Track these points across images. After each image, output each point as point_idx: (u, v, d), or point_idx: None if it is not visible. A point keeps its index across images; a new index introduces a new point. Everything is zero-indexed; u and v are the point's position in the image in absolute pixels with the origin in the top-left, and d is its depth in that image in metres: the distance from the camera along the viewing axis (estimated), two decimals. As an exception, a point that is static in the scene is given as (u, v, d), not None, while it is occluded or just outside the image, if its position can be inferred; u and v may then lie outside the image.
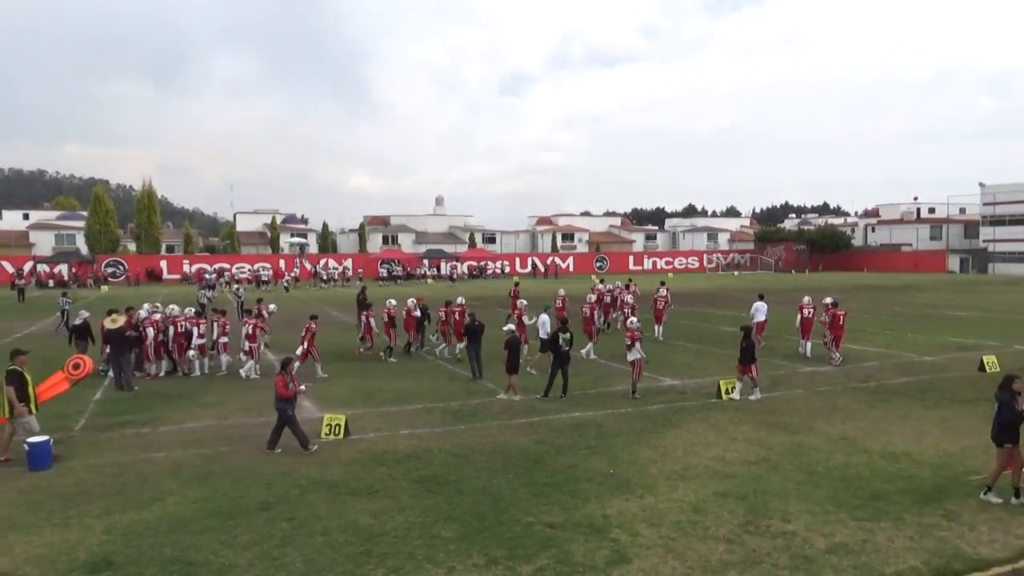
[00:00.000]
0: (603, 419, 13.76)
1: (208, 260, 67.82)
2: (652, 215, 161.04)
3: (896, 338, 24.53)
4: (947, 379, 17.30)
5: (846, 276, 69.36)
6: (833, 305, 20.16)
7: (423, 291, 40.92)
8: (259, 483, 10.34)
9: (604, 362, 20.17)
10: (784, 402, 15.07)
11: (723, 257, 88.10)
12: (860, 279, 63.57)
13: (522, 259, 78.99)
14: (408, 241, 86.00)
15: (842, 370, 18.62)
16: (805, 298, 22.05)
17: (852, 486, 9.93)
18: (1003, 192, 73.34)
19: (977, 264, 75.13)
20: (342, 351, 22.78)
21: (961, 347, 22.41)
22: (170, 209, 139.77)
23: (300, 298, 47.86)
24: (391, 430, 13.11)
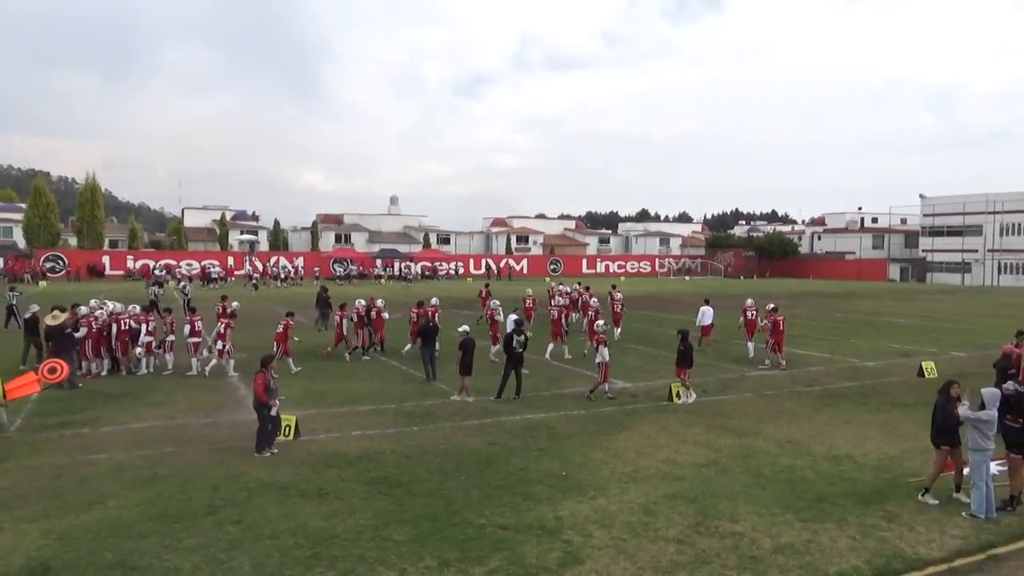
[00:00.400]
0: (555, 421, 13.82)
1: (153, 256, 66.12)
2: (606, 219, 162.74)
3: (840, 344, 25.22)
4: (888, 384, 17.85)
5: (793, 283, 71.06)
6: (773, 311, 20.67)
7: (377, 292, 40.53)
8: (206, 485, 10.11)
9: (556, 364, 20.28)
10: (733, 405, 15.35)
11: (675, 262, 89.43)
12: (806, 286, 65.21)
13: (476, 260, 78.96)
14: (361, 240, 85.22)
15: (788, 374, 19.06)
16: (748, 300, 22.96)
17: (797, 488, 10.17)
18: (942, 204, 76.12)
19: (916, 273, 77.76)
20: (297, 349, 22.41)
21: (901, 353, 23.15)
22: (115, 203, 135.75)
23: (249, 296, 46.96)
24: (342, 431, 12.96)
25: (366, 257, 72.81)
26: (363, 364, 20.34)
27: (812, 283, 70.32)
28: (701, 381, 17.81)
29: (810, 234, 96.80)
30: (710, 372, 19.26)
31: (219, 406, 14.98)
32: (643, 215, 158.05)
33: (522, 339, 15.89)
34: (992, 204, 71.58)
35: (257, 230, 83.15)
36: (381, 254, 74.41)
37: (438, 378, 17.67)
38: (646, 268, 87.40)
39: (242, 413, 14.48)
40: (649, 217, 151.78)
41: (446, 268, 74.93)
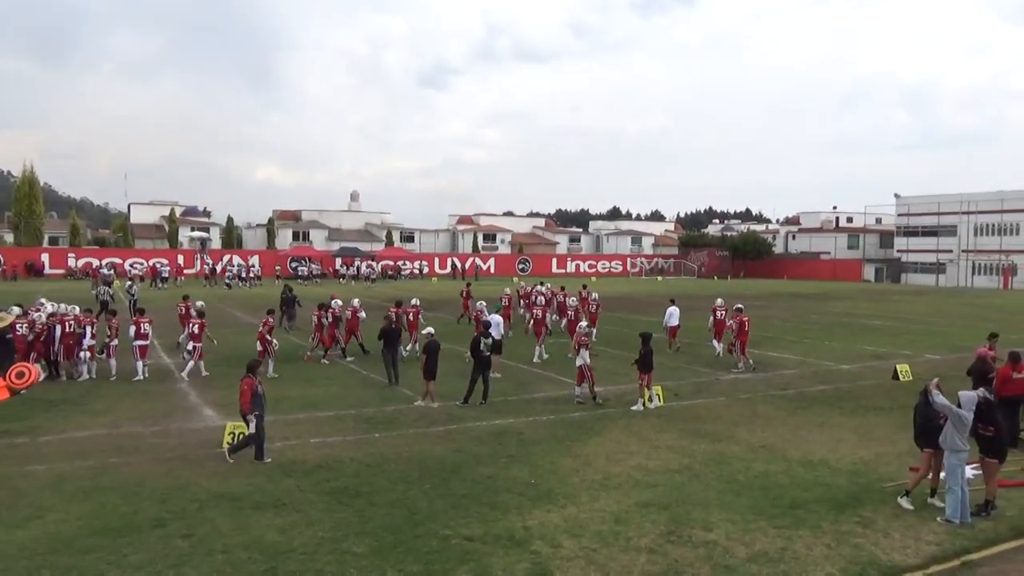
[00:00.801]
0: (524, 427, 13.85)
1: (97, 254, 64.79)
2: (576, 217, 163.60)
3: (814, 346, 25.65)
4: (863, 387, 18.20)
5: (767, 283, 72.08)
6: (739, 311, 21.01)
7: (338, 292, 40.19)
8: (153, 497, 9.92)
9: (525, 367, 20.31)
10: (706, 409, 15.53)
11: (647, 262, 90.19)
12: (780, 286, 66.20)
13: (441, 259, 78.79)
14: (320, 238, 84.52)
15: (762, 378, 19.33)
16: (718, 300, 23.82)
17: (772, 494, 10.31)
18: (917, 204, 77.87)
19: (891, 274, 79.44)
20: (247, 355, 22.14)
21: (876, 356, 23.61)
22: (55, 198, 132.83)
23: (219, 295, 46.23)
24: (299, 439, 12.83)
25: (325, 255, 72.17)
26: (322, 367, 20.16)
27: (786, 283, 71.43)
28: (673, 385, 17.98)
29: (784, 234, 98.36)
30: (682, 375, 19.45)
31: (167, 413, 14.73)
32: (615, 213, 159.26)
33: (489, 342, 15.89)
34: (967, 204, 73.45)
35: (209, 227, 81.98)
36: (341, 252, 73.77)
37: (401, 382, 17.59)
38: (618, 268, 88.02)
39: (191, 420, 14.26)
40: (621, 215, 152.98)
41: (410, 267, 74.66)
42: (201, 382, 17.93)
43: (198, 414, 14.83)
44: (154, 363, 20.65)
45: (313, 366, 20.45)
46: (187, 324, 22.67)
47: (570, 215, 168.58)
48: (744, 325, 20.52)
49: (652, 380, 15.71)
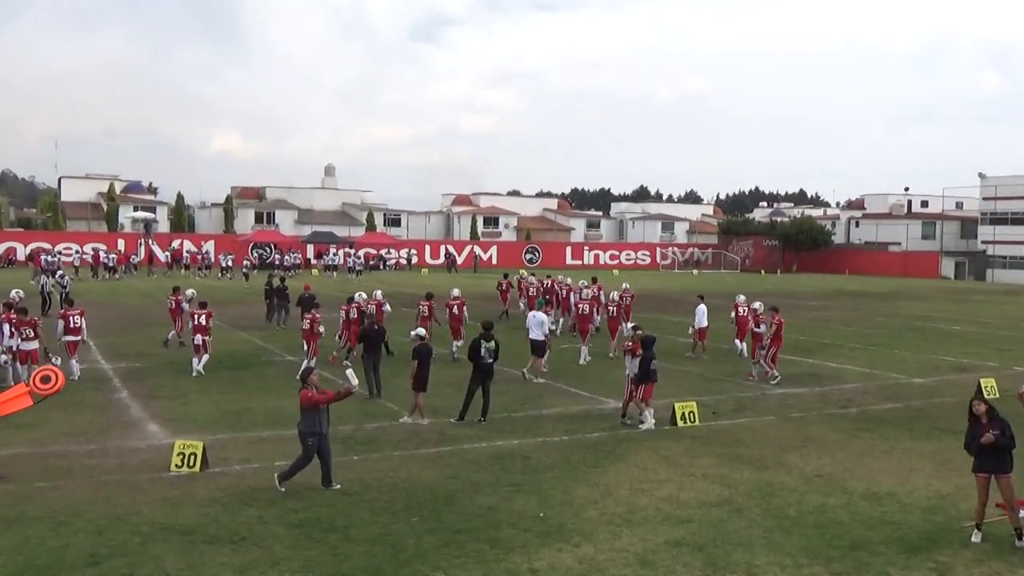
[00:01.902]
0: (531, 449, 13.85)
1: (21, 238, 65.03)
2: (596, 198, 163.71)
3: (881, 356, 25.63)
4: (940, 405, 18.18)
5: (824, 279, 72.00)
6: (773, 311, 21.00)
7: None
8: (88, 529, 9.96)
9: (534, 378, 20.32)
10: (750, 431, 15.52)
11: (680, 252, 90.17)
12: (840, 283, 66.12)
13: (433, 247, 78.91)
14: (288, 220, 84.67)
15: (817, 393, 19.33)
16: (739, 296, 24.51)
17: (829, 533, 10.30)
18: (1006, 185, 77.42)
19: (974, 269, 79.31)
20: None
21: (955, 368, 23.59)
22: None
23: (144, 290, 46.43)
24: (263, 461, 12.86)
25: (294, 241, 72.32)
26: (291, 373, 20.19)
27: (848, 279, 71.35)
28: (711, 401, 17.98)
29: (846, 220, 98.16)
30: (721, 389, 19.45)
31: (105, 429, 14.78)
32: (642, 194, 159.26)
33: (492, 346, 15.88)
34: (1067, 186, 73.21)
35: (155, 206, 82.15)
36: (313, 238, 73.95)
37: (384, 395, 17.62)
38: (645, 259, 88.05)
39: (133, 437, 14.31)
40: (649, 196, 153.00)
41: (395, 256, 74.73)
42: (145, 392, 17.99)
43: (141, 430, 14.87)
44: (89, 367, 20.76)
45: (278, 372, 20.47)
46: (177, 318, 23.86)
47: (588, 195, 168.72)
48: (780, 329, 20.47)
49: (652, 394, 15.64)
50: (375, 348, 18.09)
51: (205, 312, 20.49)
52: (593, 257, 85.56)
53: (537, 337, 20.26)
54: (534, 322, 20.59)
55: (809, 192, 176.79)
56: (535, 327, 20.39)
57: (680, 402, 16.24)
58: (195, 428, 14.77)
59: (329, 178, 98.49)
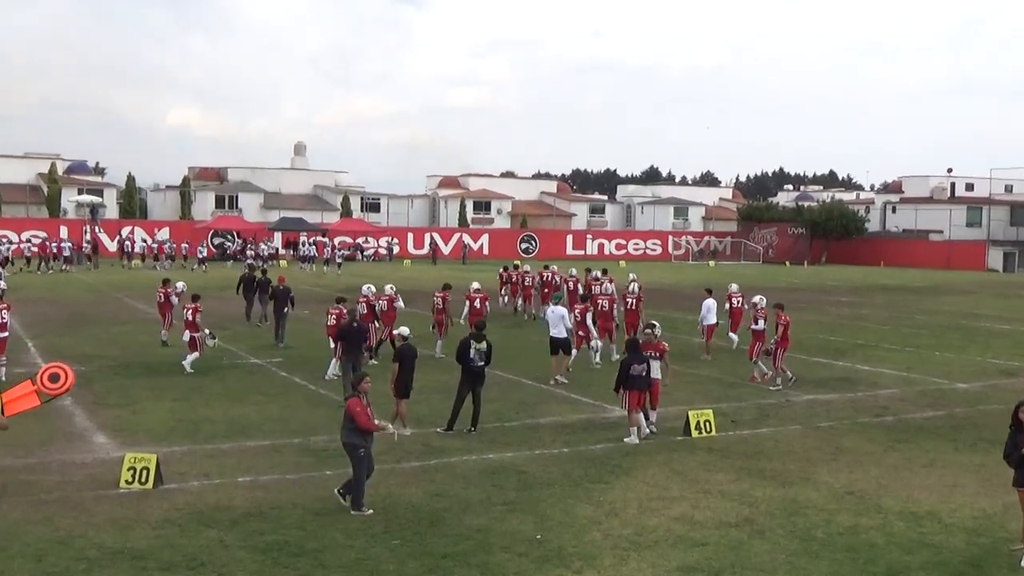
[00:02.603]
0: (527, 463, 13.84)
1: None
2: (600, 179, 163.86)
3: (921, 357, 25.71)
4: (986, 413, 18.20)
5: (857, 271, 72.11)
6: (779, 308, 21.11)
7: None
8: (26, 554, 9.93)
9: (528, 382, 20.34)
10: (773, 442, 15.54)
11: (695, 241, 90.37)
12: (875, 276, 66.24)
13: (417, 235, 78.91)
14: (253, 205, 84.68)
15: (849, 399, 19.37)
16: (733, 286, 26.49)
17: (861, 558, 10.32)
18: (1062, 165, 77.54)
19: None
20: (156, 359, 22.20)
21: (1004, 371, 23.65)
22: None
23: (90, 284, 46.37)
24: (224, 476, 12.85)
25: (259, 228, 72.28)
26: (254, 380, 20.19)
27: (883, 272, 71.49)
28: (730, 408, 18.01)
29: (882, 205, 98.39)
30: (741, 396, 19.48)
31: (46, 441, 14.73)
32: (652, 175, 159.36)
33: (483, 347, 15.87)
34: None
35: (102, 189, 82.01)
36: (281, 224, 73.95)
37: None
38: (655, 249, 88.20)
39: (78, 450, 14.27)
40: (660, 178, 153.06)
41: (374, 246, 74.70)
42: (91, 398, 17.94)
43: (86, 442, 14.83)
44: (26, 371, 20.66)
45: (241, 376, 20.45)
46: (167, 313, 24.52)
47: (592, 177, 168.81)
48: (786, 329, 20.48)
49: (643, 402, 15.66)
50: (355, 348, 18.12)
51: (192, 307, 21.18)
52: (597, 246, 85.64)
53: (561, 334, 20.54)
54: (554, 317, 20.84)
55: (840, 174, 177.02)
56: (556, 322, 20.62)
57: (695, 410, 16.25)
58: (148, 439, 14.72)
59: (299, 158, 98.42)
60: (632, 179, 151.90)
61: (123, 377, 20.15)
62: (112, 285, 45.14)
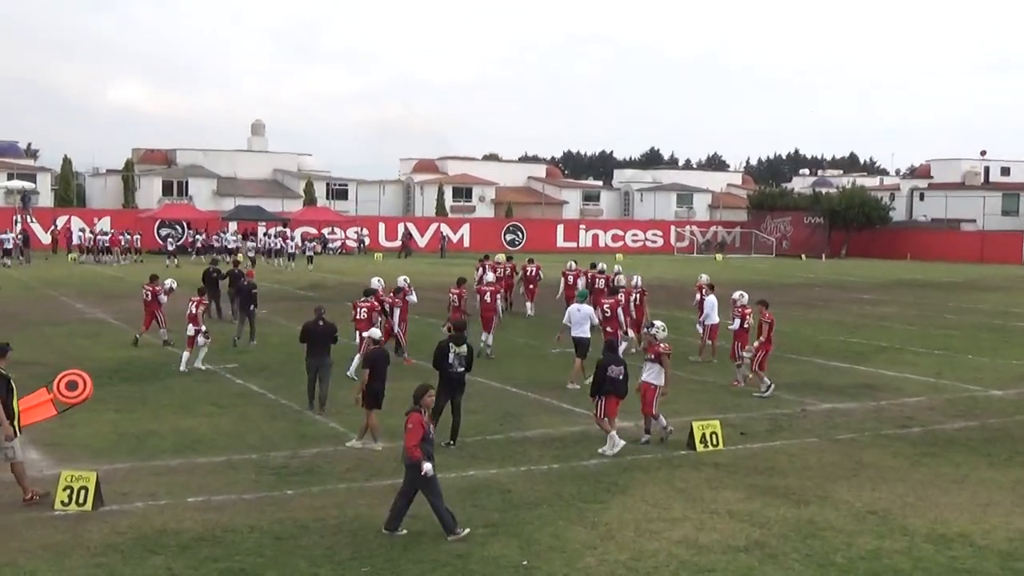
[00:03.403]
0: (512, 480, 13.85)
1: None
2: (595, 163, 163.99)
3: (951, 362, 25.82)
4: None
5: (881, 265, 72.32)
6: (763, 304, 21.23)
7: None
8: (-53, 584, 9.88)
9: (513, 390, 20.34)
10: (787, 456, 15.59)
11: (700, 232, 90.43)
12: (901, 270, 66.44)
13: (390, 225, 78.76)
14: (205, 191, 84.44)
15: (871, 408, 19.45)
16: (703, 276, 27.48)
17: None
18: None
19: (1067, 253, 79.80)
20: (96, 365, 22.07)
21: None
22: None
23: (22, 280, 46.12)
24: (173, 497, 12.81)
25: (212, 217, 72.03)
26: (205, 389, 20.13)
27: (910, 266, 71.73)
28: (739, 419, 18.05)
29: (908, 191, 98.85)
30: (751, 405, 19.53)
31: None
32: (652, 158, 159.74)
33: (464, 351, 15.86)
34: None
35: (35, 174, 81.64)
36: (237, 213, 73.67)
37: (327, 410, 17.66)
38: (656, 240, 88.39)
39: (4, 468, 14.15)
40: (661, 161, 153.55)
41: (340, 237, 74.52)
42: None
43: (22, 457, 14.72)
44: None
45: (190, 385, 20.39)
46: (156, 313, 25.39)
47: (585, 160, 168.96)
48: (770, 329, 20.58)
49: (616, 411, 15.73)
50: (321, 349, 18.15)
51: (197, 299, 22.18)
52: (591, 238, 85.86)
53: (584, 334, 20.86)
54: (579, 316, 21.08)
55: (862, 157, 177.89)
56: (581, 322, 20.91)
57: (699, 420, 16.28)
58: (86, 455, 14.65)
59: (257, 138, 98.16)
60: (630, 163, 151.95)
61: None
62: (46, 282, 44.90)
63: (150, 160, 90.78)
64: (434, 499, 11.44)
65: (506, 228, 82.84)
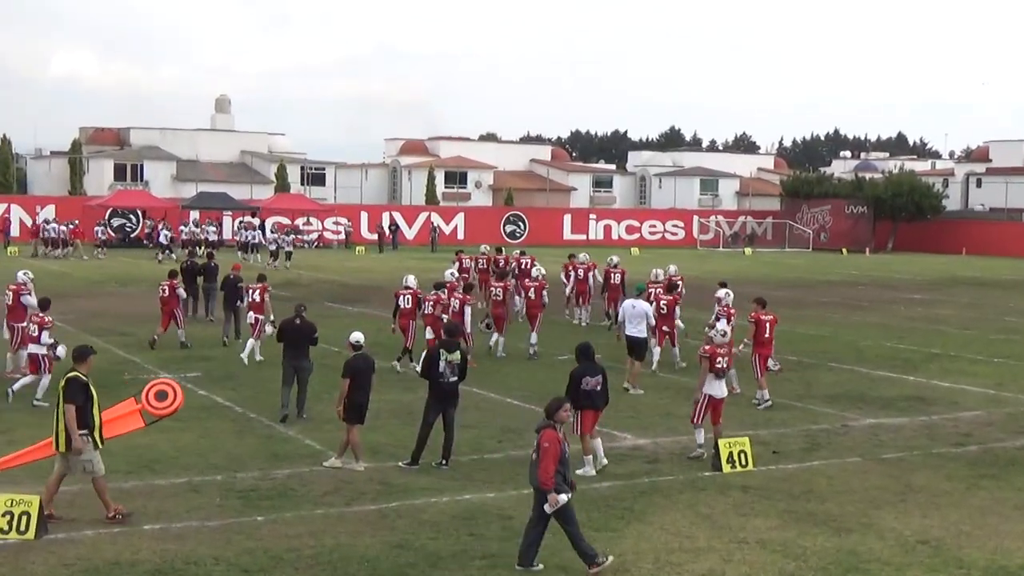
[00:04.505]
0: (513, 505, 13.83)
1: None
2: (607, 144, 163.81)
3: (1013, 371, 25.86)
4: (1095, 441, 18.34)
5: (933, 261, 72.22)
6: (760, 304, 21.53)
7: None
8: None
9: (514, 402, 20.32)
10: (826, 477, 15.59)
11: (727, 223, 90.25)
12: (955, 266, 66.37)
13: (374, 215, 78.55)
14: (163, 176, 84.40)
15: (922, 424, 19.44)
16: (672, 267, 28.76)
17: (938, 624, 10.38)
18: None
19: None
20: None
21: (1118, 387, 23.72)
22: None
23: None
24: (127, 523, 12.80)
25: (170, 206, 71.87)
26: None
27: (966, 261, 71.64)
28: (771, 435, 18.03)
29: (963, 177, 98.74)
30: (785, 420, 19.55)
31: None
32: (672, 139, 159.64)
33: (456, 357, 15.84)
34: None
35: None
36: (199, 201, 73.49)
37: (304, 421, 17.75)
38: (676, 233, 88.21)
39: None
40: (683, 142, 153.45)
41: (317, 228, 74.34)
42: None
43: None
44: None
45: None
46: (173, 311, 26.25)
47: (596, 141, 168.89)
48: (763, 328, 20.92)
49: (595, 425, 15.73)
50: (298, 350, 18.45)
51: (260, 286, 24.83)
52: (602, 229, 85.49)
53: (640, 333, 21.59)
54: (634, 313, 21.73)
55: (911, 137, 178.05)
56: (636, 320, 21.57)
57: (727, 438, 16.25)
58: (28, 476, 14.60)
59: (222, 116, 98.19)
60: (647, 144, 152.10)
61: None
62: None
63: (100, 140, 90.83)
64: (570, 527, 11.45)
65: (506, 218, 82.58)
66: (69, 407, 12.76)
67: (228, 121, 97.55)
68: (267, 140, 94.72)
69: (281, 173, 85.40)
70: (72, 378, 12.97)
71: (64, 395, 12.85)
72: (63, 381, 13.05)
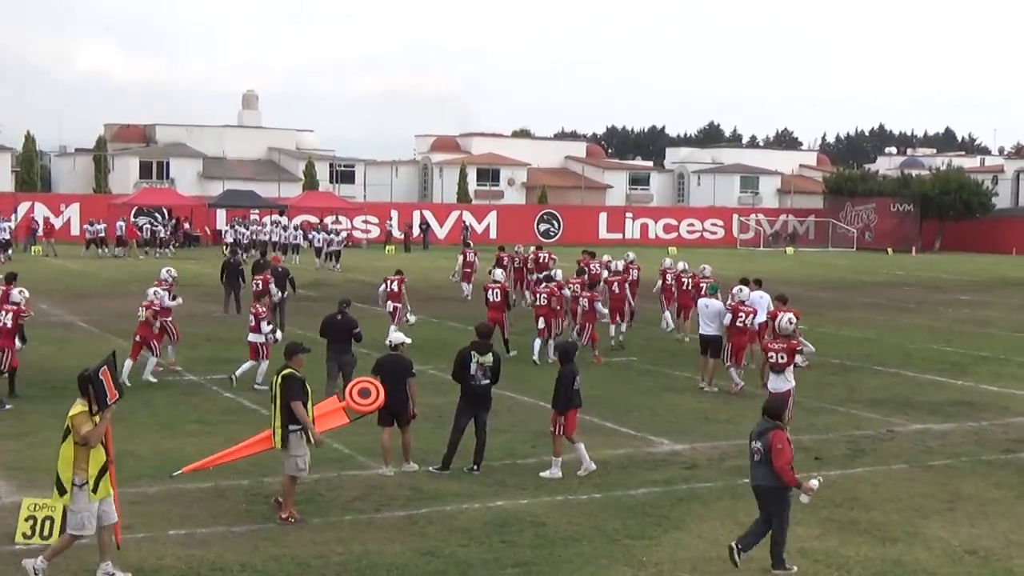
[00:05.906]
0: (547, 512, 13.85)
1: None
2: (644, 141, 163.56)
3: (1065, 374, 25.56)
4: None
5: (981, 261, 71.69)
6: (781, 301, 21.78)
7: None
8: None
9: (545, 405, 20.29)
10: (870, 485, 15.50)
11: (768, 222, 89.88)
12: (1005, 266, 65.87)
13: (404, 213, 78.63)
14: (189, 174, 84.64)
15: (970, 431, 19.31)
16: (666, 260, 29.21)
17: (987, 637, 10.30)
18: None
19: None
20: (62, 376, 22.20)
21: None
22: None
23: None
24: (152, 529, 12.87)
25: (196, 204, 72.22)
26: (190, 404, 20.20)
27: (1017, 262, 71.10)
28: (812, 441, 17.94)
29: (1014, 174, 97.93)
30: (828, 424, 19.44)
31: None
32: (711, 135, 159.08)
33: (488, 360, 15.84)
34: None
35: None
36: (226, 199, 73.76)
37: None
38: (715, 231, 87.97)
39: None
40: (722, 138, 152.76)
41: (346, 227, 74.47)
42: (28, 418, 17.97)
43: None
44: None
45: (174, 399, 20.46)
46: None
47: (632, 137, 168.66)
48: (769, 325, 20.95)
49: (575, 425, 15.75)
50: (340, 345, 19.13)
51: (398, 278, 26.55)
52: (639, 228, 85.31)
53: (714, 332, 22.22)
54: (708, 313, 22.85)
55: (959, 133, 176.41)
56: (710, 319, 22.61)
57: (766, 443, 16.22)
58: (51, 481, 14.72)
59: (250, 112, 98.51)
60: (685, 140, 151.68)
61: (19, 399, 20.14)
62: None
63: (125, 137, 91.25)
64: (782, 527, 11.72)
65: (539, 216, 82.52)
66: (297, 404, 13.34)
67: (255, 117, 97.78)
68: (295, 137, 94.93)
69: (309, 170, 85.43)
70: (288, 375, 13.52)
71: (287, 393, 13.37)
72: (279, 379, 13.55)
